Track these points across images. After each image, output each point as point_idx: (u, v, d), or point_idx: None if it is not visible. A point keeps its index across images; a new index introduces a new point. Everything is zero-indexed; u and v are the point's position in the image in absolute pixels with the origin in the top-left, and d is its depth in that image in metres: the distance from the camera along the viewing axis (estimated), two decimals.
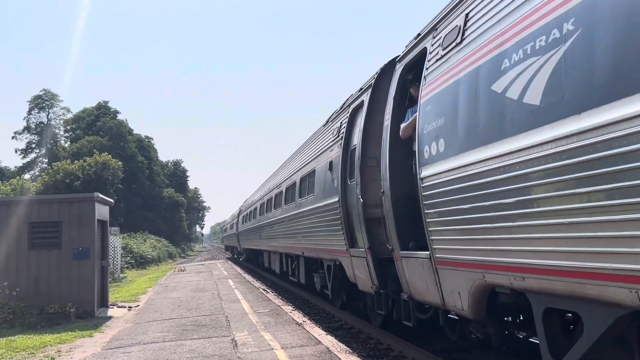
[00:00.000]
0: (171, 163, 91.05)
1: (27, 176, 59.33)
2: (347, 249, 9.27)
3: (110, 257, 20.25)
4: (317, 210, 11.32)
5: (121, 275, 26.80)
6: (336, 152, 9.94)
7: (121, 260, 28.54)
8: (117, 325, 11.26)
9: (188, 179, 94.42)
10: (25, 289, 12.11)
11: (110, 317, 12.56)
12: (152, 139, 77.84)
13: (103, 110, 66.92)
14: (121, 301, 15.70)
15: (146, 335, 9.74)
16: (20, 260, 12.35)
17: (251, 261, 33.03)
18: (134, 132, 69.81)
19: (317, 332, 9.34)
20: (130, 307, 14.28)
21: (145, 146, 71.28)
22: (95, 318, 12.45)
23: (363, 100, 9.05)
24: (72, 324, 11.63)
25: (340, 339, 9.34)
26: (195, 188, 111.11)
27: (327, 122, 12.12)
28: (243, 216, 33.23)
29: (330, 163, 10.24)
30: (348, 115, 9.74)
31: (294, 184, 14.61)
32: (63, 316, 11.85)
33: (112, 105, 70.03)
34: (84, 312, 12.45)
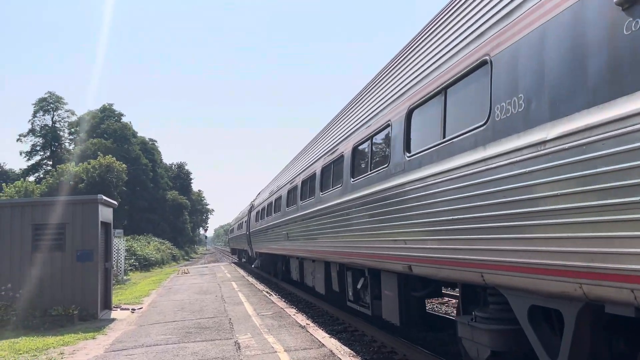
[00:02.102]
0: (175, 165, 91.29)
1: (31, 178, 59.54)
2: None
3: (114, 259, 20.27)
4: None
5: (125, 277, 26.81)
6: None
7: (125, 263, 28.56)
8: (120, 328, 11.24)
9: (192, 181, 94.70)
10: (28, 291, 12.11)
11: (113, 320, 12.54)
12: (156, 141, 78.15)
13: (107, 113, 67.17)
14: (124, 303, 15.69)
15: (149, 338, 9.71)
16: (24, 262, 12.36)
17: (269, 269, 25.83)
18: (138, 134, 70.04)
19: (321, 334, 9.29)
20: (133, 309, 14.26)
21: (149, 149, 71.47)
22: (99, 320, 12.43)
23: None
24: (75, 326, 11.61)
25: (344, 341, 9.29)
26: (199, 191, 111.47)
27: None
28: (257, 212, 26.13)
29: None
30: None
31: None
32: (66, 318, 11.84)
33: (117, 108, 70.25)
34: (87, 314, 12.44)
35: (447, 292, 12.97)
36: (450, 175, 5.31)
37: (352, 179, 8.97)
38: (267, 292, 17.28)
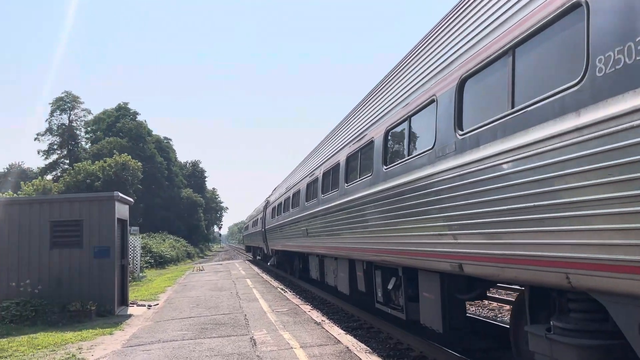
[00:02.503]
0: (190, 164, 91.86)
1: (49, 177, 60.30)
2: None
3: (130, 256, 20.44)
4: None
5: (141, 274, 27.03)
6: None
7: (140, 260, 28.81)
8: (137, 324, 11.32)
9: (206, 179, 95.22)
10: (47, 287, 12.26)
11: (130, 315, 12.64)
12: (171, 139, 78.68)
13: (123, 112, 67.74)
14: (141, 300, 15.82)
15: (166, 334, 9.76)
16: (42, 258, 12.51)
17: (286, 267, 25.23)
18: (153, 133, 70.57)
19: (336, 331, 9.26)
20: (149, 305, 14.36)
21: (164, 147, 71.98)
22: (116, 316, 12.54)
23: None
24: (92, 321, 11.73)
25: (360, 338, 9.25)
26: (213, 189, 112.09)
27: None
28: (273, 208, 25.48)
29: None
30: None
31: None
32: (84, 314, 11.96)
33: (132, 106, 70.84)
34: (105, 310, 12.56)
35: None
36: (523, 152, 4.31)
37: (385, 167, 7.96)
38: (281, 289, 17.30)
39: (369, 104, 9.79)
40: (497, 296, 13.14)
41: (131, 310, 13.62)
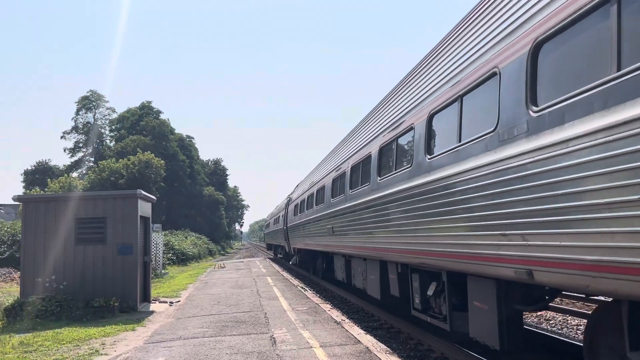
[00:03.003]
0: (211, 162, 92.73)
1: (74, 174, 61.50)
2: None
3: (153, 253, 20.70)
4: None
5: (163, 271, 27.38)
6: None
7: (163, 257, 29.16)
8: (159, 320, 11.45)
9: (228, 177, 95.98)
10: (71, 283, 12.48)
11: (152, 312, 12.80)
12: (193, 138, 79.47)
13: (146, 110, 68.77)
14: (163, 296, 16.00)
15: (187, 331, 9.85)
16: (67, 254, 12.74)
17: (308, 266, 24.39)
18: (176, 131, 71.42)
19: (356, 331, 9.22)
20: (171, 302, 14.52)
21: (186, 145, 72.80)
22: (138, 312, 12.71)
23: None
24: (115, 317, 11.90)
25: (380, 338, 9.20)
26: (235, 187, 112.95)
27: None
28: (295, 205, 24.58)
29: None
30: None
31: None
32: (107, 310, 12.15)
33: (155, 105, 71.83)
34: (127, 306, 12.74)
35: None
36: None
37: (429, 157, 6.98)
38: (301, 287, 17.32)
39: (406, 87, 8.75)
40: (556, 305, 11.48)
41: (153, 306, 13.78)
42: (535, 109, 4.57)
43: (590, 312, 8.27)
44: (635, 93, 3.44)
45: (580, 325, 10.00)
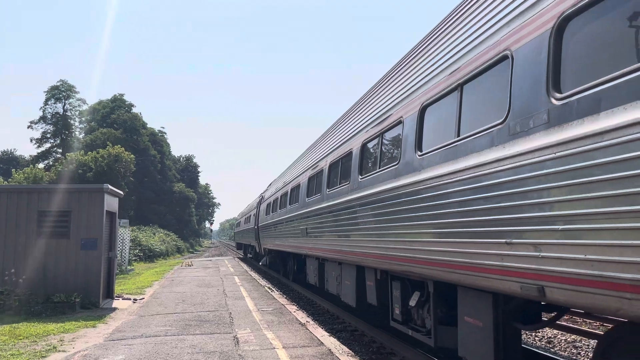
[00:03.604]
0: (183, 158, 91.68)
1: (41, 165, 59.95)
2: None
3: (119, 249, 20.35)
4: None
5: (129, 267, 26.93)
6: None
7: (129, 253, 28.69)
8: (121, 317, 11.27)
9: (199, 174, 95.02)
10: (32, 277, 12.18)
11: (114, 309, 12.58)
12: (166, 133, 78.43)
13: (118, 103, 67.54)
14: (127, 293, 15.75)
15: (149, 329, 9.72)
16: (28, 248, 12.43)
17: (278, 267, 23.98)
18: (148, 125, 70.36)
19: (320, 332, 9.26)
20: (135, 299, 14.30)
21: (158, 140, 71.80)
22: (100, 309, 12.48)
23: None
24: (76, 313, 11.67)
25: (343, 340, 9.26)
26: (206, 184, 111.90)
27: None
28: (268, 204, 23.92)
29: None
30: None
31: None
32: (68, 306, 11.90)
33: (127, 98, 70.61)
34: (89, 302, 12.49)
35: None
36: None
37: (419, 154, 6.27)
38: (268, 287, 17.28)
39: (395, 77, 7.95)
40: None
41: (116, 303, 13.55)
42: (559, 95, 3.87)
43: (601, 333, 7.81)
44: None
45: (589, 346, 8.84)
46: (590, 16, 3.70)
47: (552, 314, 5.16)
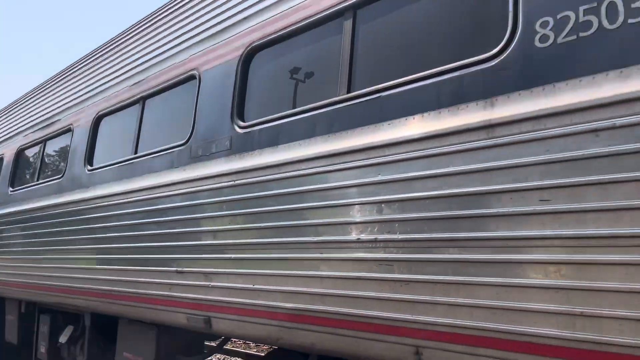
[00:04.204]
0: None
1: None
2: None
3: None
4: None
5: None
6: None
7: None
8: None
9: None
10: None
11: None
12: None
13: None
14: None
15: None
16: None
17: None
18: None
19: None
20: None
21: None
22: None
23: None
24: None
25: None
26: None
27: None
28: None
29: None
30: None
31: None
32: None
33: None
34: None
35: None
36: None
37: (89, 168, 5.46)
38: None
39: (70, 78, 6.67)
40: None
41: None
42: (242, 124, 3.78)
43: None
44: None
45: None
46: (274, 52, 3.74)
47: (219, 340, 5.09)
